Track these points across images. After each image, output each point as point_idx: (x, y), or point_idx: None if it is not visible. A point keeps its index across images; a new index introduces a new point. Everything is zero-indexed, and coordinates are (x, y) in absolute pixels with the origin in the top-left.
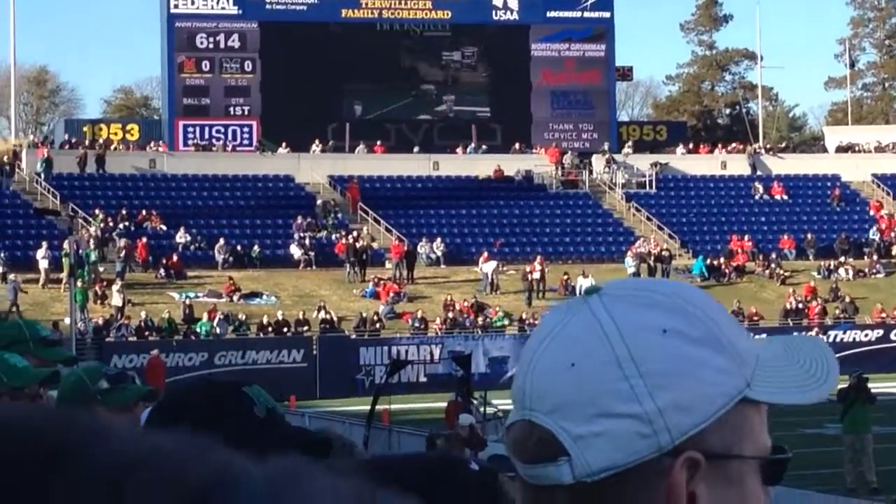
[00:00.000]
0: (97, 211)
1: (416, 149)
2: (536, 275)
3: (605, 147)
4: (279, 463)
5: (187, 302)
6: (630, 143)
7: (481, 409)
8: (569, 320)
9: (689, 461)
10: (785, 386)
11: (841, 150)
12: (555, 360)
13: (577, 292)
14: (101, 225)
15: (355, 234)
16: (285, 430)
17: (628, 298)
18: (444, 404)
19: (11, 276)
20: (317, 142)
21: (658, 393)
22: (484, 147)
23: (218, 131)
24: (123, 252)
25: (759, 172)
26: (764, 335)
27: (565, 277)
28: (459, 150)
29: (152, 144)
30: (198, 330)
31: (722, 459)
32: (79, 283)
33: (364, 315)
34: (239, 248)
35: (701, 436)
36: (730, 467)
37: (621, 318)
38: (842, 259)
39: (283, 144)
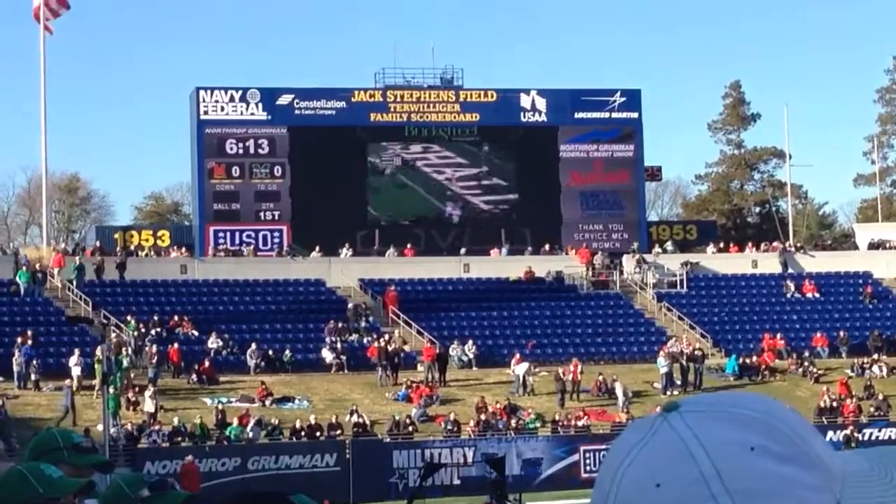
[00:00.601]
0: (129, 317)
1: (462, 251)
2: (570, 376)
3: (635, 247)
4: None
5: (220, 407)
6: (669, 242)
7: None
8: (649, 439)
9: None
10: (873, 502)
11: (872, 247)
12: (639, 481)
13: (618, 397)
14: (135, 333)
15: (387, 337)
16: None
17: (710, 415)
18: None
19: (66, 382)
20: (346, 246)
21: None
22: (530, 249)
23: (248, 236)
24: (155, 358)
25: (790, 270)
26: None
27: (600, 378)
28: (494, 251)
29: (183, 250)
30: (228, 434)
31: None
32: (111, 390)
33: (397, 418)
34: (271, 352)
35: None
36: None
37: (706, 436)
38: (875, 356)
39: (317, 248)
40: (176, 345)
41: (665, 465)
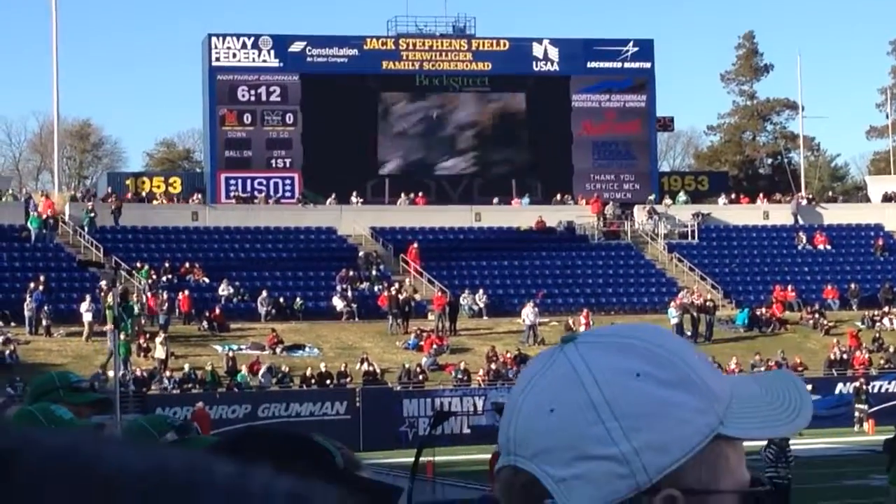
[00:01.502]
0: (139, 263)
1: (481, 201)
2: (582, 328)
3: (652, 198)
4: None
5: (230, 354)
6: (681, 193)
7: None
8: (547, 368)
9: (667, 499)
10: (758, 422)
11: (885, 199)
12: (535, 407)
13: None
14: (149, 280)
15: (398, 285)
16: (363, 482)
17: (602, 345)
18: (488, 456)
19: (108, 326)
20: (355, 194)
21: (633, 435)
22: (534, 199)
23: (260, 183)
24: (166, 304)
25: (801, 222)
26: (809, 386)
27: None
28: (516, 201)
29: (195, 197)
30: (239, 381)
31: (700, 495)
32: (122, 336)
33: (407, 367)
34: (281, 300)
35: (678, 474)
36: (708, 502)
37: (595, 364)
38: (886, 309)
39: (330, 196)
40: (186, 292)
41: (558, 391)
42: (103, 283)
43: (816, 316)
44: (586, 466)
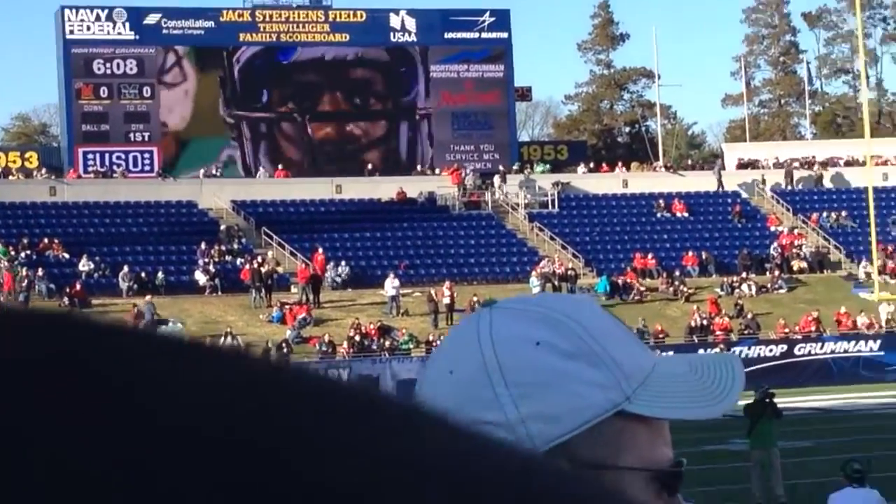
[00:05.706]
0: None
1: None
2: (447, 299)
3: (514, 167)
4: None
5: None
6: (542, 163)
7: None
8: (457, 331)
9: None
10: (672, 401)
11: (741, 167)
12: (439, 368)
13: None
14: (7, 257)
15: (260, 259)
16: None
17: (514, 311)
18: None
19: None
20: (215, 167)
21: (522, 402)
22: (394, 170)
23: (118, 157)
24: (25, 281)
25: (724, 189)
26: (671, 353)
27: (474, 299)
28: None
29: (52, 172)
30: None
31: (594, 469)
32: None
33: (271, 340)
34: (143, 274)
35: (570, 446)
36: (604, 478)
37: (498, 329)
38: (744, 275)
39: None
40: (46, 268)
41: (458, 353)
42: None
43: (676, 283)
44: None
